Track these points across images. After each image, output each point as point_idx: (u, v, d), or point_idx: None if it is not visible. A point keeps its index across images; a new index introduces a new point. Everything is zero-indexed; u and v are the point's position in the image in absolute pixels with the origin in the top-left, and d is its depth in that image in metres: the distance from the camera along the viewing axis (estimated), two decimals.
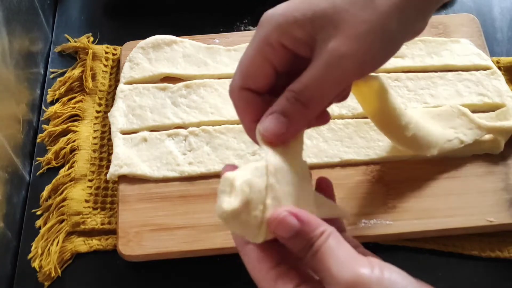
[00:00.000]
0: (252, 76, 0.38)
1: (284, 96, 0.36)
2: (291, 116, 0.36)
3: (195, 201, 0.54)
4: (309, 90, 0.35)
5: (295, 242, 0.34)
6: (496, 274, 0.53)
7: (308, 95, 0.35)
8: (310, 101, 0.36)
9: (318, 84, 0.35)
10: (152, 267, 0.53)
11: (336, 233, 0.34)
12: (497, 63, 0.64)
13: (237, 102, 0.39)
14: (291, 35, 0.36)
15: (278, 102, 0.36)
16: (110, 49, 0.67)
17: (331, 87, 0.36)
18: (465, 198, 0.54)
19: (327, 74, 0.35)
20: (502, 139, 0.56)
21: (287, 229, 0.33)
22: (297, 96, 0.35)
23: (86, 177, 0.58)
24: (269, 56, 0.37)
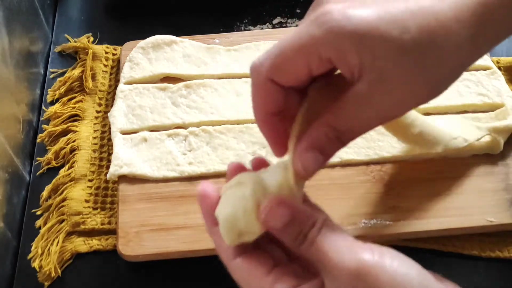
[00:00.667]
0: (284, 72, 0.33)
1: (323, 132, 0.33)
2: (329, 154, 0.34)
3: (195, 201, 0.53)
4: (354, 132, 0.33)
5: (289, 233, 0.33)
6: (496, 274, 0.53)
7: (351, 135, 0.33)
8: (349, 140, 0.34)
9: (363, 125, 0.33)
10: (152, 267, 0.53)
11: (330, 220, 0.33)
12: (497, 63, 0.64)
13: (258, 91, 0.35)
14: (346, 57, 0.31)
15: (316, 136, 0.33)
16: (110, 49, 0.67)
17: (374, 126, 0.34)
18: (465, 198, 0.54)
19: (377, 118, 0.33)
20: (501, 138, 0.56)
21: (278, 218, 0.33)
22: (340, 136, 0.33)
23: (86, 177, 0.58)
24: (310, 61, 0.32)
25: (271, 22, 0.70)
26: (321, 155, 0.33)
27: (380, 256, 0.30)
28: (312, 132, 0.34)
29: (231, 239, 0.34)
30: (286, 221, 0.33)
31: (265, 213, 0.33)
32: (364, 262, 0.30)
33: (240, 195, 0.34)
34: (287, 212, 0.33)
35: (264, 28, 0.69)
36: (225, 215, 0.35)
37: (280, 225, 0.33)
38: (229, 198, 0.35)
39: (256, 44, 0.65)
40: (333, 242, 0.31)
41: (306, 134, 0.34)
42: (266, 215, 0.33)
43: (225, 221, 0.34)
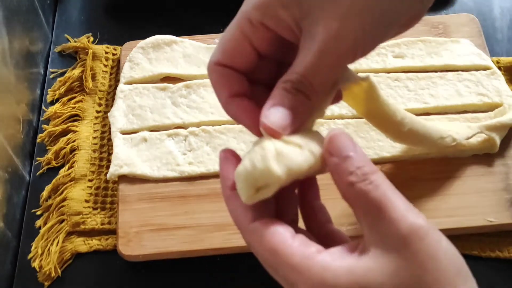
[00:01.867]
0: (230, 52, 0.36)
1: (281, 87, 0.34)
2: (294, 108, 0.33)
3: (195, 201, 0.54)
4: (307, 78, 0.33)
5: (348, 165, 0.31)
6: (496, 274, 0.53)
7: (307, 84, 0.33)
8: (311, 90, 0.33)
9: (315, 71, 0.33)
10: (152, 267, 0.53)
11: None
12: (497, 63, 0.64)
13: (212, 76, 0.37)
14: (274, 15, 0.33)
15: (275, 94, 0.34)
16: (110, 49, 0.67)
17: (329, 71, 0.33)
18: (465, 198, 0.54)
19: (321, 60, 0.32)
20: (497, 137, 0.56)
21: (342, 147, 0.31)
22: (297, 87, 0.33)
23: (86, 177, 0.58)
24: (248, 34, 0.35)
25: None
26: (287, 109, 0.33)
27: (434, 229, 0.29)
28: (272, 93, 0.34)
29: (248, 194, 0.32)
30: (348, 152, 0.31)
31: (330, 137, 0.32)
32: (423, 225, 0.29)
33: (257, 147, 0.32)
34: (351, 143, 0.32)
35: None
36: (241, 166, 0.32)
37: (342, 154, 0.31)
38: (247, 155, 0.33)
39: None
40: (397, 197, 0.30)
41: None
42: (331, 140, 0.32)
43: (241, 172, 0.32)
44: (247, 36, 0.35)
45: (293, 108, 0.33)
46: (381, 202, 0.29)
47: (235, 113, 0.36)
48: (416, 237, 0.28)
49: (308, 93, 0.33)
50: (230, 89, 0.36)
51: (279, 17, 0.33)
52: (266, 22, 0.34)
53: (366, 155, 0.32)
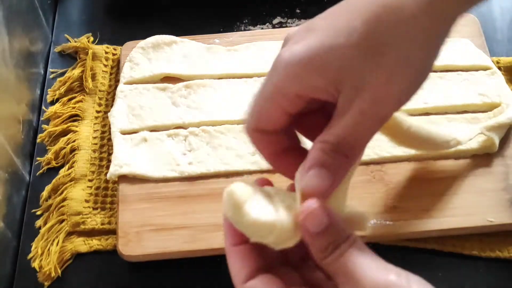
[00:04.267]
0: (265, 120, 0.36)
1: (319, 148, 0.33)
2: (332, 169, 0.33)
3: (195, 201, 0.54)
4: (348, 140, 0.33)
5: (321, 240, 0.32)
6: (496, 274, 0.53)
7: (347, 145, 0.33)
8: (351, 151, 0.33)
9: (356, 133, 0.33)
10: (152, 267, 0.53)
11: (360, 241, 0.32)
12: (497, 63, 0.64)
13: (253, 141, 0.37)
14: (310, 85, 0.33)
15: (313, 155, 0.33)
16: (110, 49, 0.67)
17: (369, 135, 0.34)
18: (465, 198, 0.54)
19: (364, 122, 0.32)
20: (495, 136, 0.56)
21: (318, 222, 0.32)
22: (337, 148, 0.33)
23: (86, 177, 0.58)
24: (283, 105, 0.34)
25: (271, 22, 0.70)
26: (325, 171, 0.33)
27: (407, 281, 0.30)
28: (309, 153, 0.34)
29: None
30: (323, 228, 0.32)
31: (305, 214, 0.32)
32: (390, 282, 0.30)
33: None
34: (327, 219, 0.32)
35: (264, 28, 0.69)
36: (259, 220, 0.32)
37: (316, 230, 0.32)
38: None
39: (256, 44, 0.65)
40: (362, 258, 0.31)
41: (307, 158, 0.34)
42: (305, 217, 0.32)
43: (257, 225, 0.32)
44: (282, 106, 0.34)
45: (331, 168, 0.33)
46: (346, 265, 0.31)
47: (283, 171, 0.38)
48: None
49: (347, 153, 0.33)
50: (270, 150, 0.37)
51: (316, 86, 0.33)
52: (303, 93, 0.33)
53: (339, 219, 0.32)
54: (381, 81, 0.31)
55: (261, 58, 0.63)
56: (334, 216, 0.32)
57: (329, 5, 0.34)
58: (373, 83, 0.31)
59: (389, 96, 0.32)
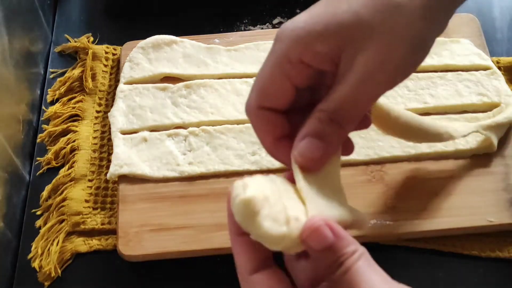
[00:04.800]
0: (270, 94, 0.35)
1: (315, 117, 0.34)
2: (326, 138, 0.33)
3: (195, 201, 0.54)
4: (343, 108, 0.33)
5: (325, 257, 0.31)
6: (496, 274, 0.53)
7: (343, 114, 0.33)
8: (345, 120, 0.33)
9: (352, 101, 0.33)
10: (152, 267, 0.53)
11: (368, 254, 0.32)
12: (497, 63, 0.64)
13: (255, 122, 0.37)
14: (313, 50, 0.33)
15: (309, 124, 0.34)
16: (110, 49, 0.67)
17: (366, 102, 0.34)
18: (465, 198, 0.54)
19: (360, 90, 0.33)
20: (494, 136, 0.56)
21: (321, 240, 0.31)
22: (331, 116, 0.33)
23: (86, 177, 0.58)
24: (288, 73, 0.34)
25: (271, 22, 0.70)
26: (318, 140, 0.33)
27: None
28: (306, 122, 0.34)
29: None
30: (327, 245, 0.31)
31: (307, 232, 0.31)
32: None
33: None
34: (330, 236, 0.31)
35: (264, 28, 0.69)
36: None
37: (320, 248, 0.31)
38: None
39: (256, 44, 0.65)
40: (367, 274, 0.30)
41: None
42: (308, 235, 0.31)
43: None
44: (287, 75, 0.34)
45: (325, 138, 0.33)
46: (351, 282, 0.30)
47: (282, 158, 0.37)
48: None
49: (342, 122, 0.34)
50: (274, 133, 0.36)
51: (319, 52, 0.33)
52: (306, 59, 0.34)
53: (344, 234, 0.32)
54: (379, 48, 0.32)
55: (261, 58, 0.63)
56: (338, 232, 0.31)
57: None
58: (371, 50, 0.32)
59: (387, 64, 0.33)
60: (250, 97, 0.36)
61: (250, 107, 0.36)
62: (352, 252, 0.31)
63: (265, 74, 0.35)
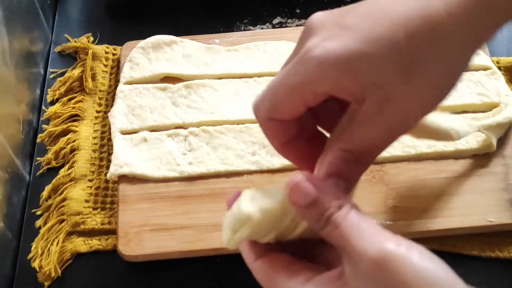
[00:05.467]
0: (282, 111, 0.35)
1: (339, 157, 0.33)
2: (351, 178, 0.33)
3: (195, 201, 0.54)
4: (370, 151, 0.33)
5: (312, 212, 0.31)
6: (496, 274, 0.53)
7: (369, 156, 0.33)
8: (369, 160, 0.33)
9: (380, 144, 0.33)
10: (152, 267, 0.53)
11: (357, 208, 0.31)
12: (497, 63, 0.64)
13: (263, 128, 0.37)
14: (341, 86, 0.32)
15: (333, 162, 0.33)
16: (110, 49, 0.67)
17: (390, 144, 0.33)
18: (465, 198, 0.54)
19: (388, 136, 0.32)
20: (493, 136, 0.56)
21: (303, 195, 0.31)
22: (358, 157, 0.33)
23: (86, 177, 0.58)
24: (306, 99, 0.33)
25: (271, 22, 0.70)
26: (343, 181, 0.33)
27: (408, 249, 0.28)
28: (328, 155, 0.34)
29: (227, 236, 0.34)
30: (309, 200, 0.31)
31: (290, 187, 0.31)
32: (387, 251, 0.28)
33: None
34: (311, 190, 0.31)
35: (264, 28, 0.69)
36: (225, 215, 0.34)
37: (303, 203, 0.31)
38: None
39: (256, 44, 0.65)
40: (358, 228, 0.30)
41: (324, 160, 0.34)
42: (291, 192, 0.31)
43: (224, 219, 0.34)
44: (305, 100, 0.34)
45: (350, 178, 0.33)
46: (346, 234, 0.30)
47: (291, 159, 0.38)
48: (384, 261, 0.28)
49: (368, 163, 0.34)
50: (282, 138, 0.37)
51: (346, 87, 0.32)
52: (331, 93, 0.33)
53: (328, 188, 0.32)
54: (410, 98, 0.31)
55: (261, 58, 0.64)
56: (322, 186, 0.31)
57: (329, 5, 0.34)
58: (403, 98, 0.31)
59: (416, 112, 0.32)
60: (261, 105, 0.35)
61: (259, 114, 0.36)
62: (339, 207, 0.31)
63: (281, 92, 0.34)
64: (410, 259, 0.28)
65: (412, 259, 0.28)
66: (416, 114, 0.32)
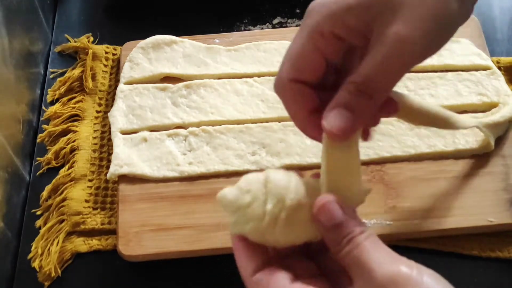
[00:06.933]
0: (302, 67, 0.36)
1: (345, 88, 0.34)
2: (356, 109, 0.34)
3: (195, 201, 0.54)
4: (373, 80, 0.33)
5: (334, 234, 0.33)
6: (496, 274, 0.53)
7: (372, 85, 0.34)
8: (375, 91, 0.34)
9: (382, 72, 0.33)
10: (152, 267, 0.53)
11: (375, 236, 0.34)
12: (497, 63, 0.64)
13: (288, 95, 0.37)
14: (345, 23, 0.34)
15: (339, 95, 0.34)
16: (110, 49, 0.67)
17: (396, 74, 0.34)
18: (465, 198, 0.54)
19: (390, 61, 0.33)
20: (490, 135, 0.56)
21: (330, 217, 0.33)
22: (361, 88, 0.34)
23: (86, 177, 0.58)
24: (320, 45, 0.35)
25: (271, 22, 0.70)
26: (348, 111, 0.34)
27: (418, 272, 0.31)
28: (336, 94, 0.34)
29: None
30: (336, 223, 0.33)
31: (318, 207, 0.34)
32: (400, 273, 0.31)
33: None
34: (339, 213, 0.33)
35: (264, 28, 0.69)
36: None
37: (329, 224, 0.33)
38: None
39: (256, 44, 0.65)
40: (376, 249, 0.32)
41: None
42: (318, 211, 0.34)
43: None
44: (319, 48, 0.35)
45: (355, 109, 0.34)
46: (365, 253, 0.32)
47: (313, 134, 0.38)
48: (392, 283, 0.30)
49: (371, 93, 0.34)
50: (306, 106, 0.37)
51: (350, 25, 0.34)
52: (338, 32, 0.35)
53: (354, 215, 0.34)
54: (406, 22, 0.33)
55: (261, 58, 0.64)
56: (348, 211, 0.34)
57: None
58: (399, 23, 0.33)
59: (416, 36, 0.33)
60: (281, 70, 0.37)
61: (281, 79, 0.37)
62: (361, 232, 0.33)
63: (297, 47, 0.36)
64: (420, 280, 0.31)
65: (422, 281, 0.31)
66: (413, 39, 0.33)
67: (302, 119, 0.37)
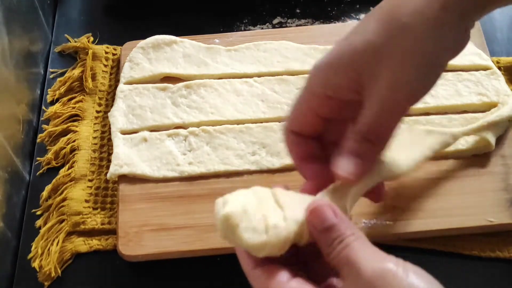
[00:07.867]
0: (297, 122, 0.41)
1: (351, 138, 0.38)
2: (363, 156, 0.38)
3: (195, 201, 0.54)
4: (374, 128, 0.37)
5: (326, 236, 0.35)
6: (496, 274, 0.53)
7: (374, 133, 0.37)
8: (377, 137, 0.38)
9: (380, 120, 0.37)
10: (152, 267, 0.53)
11: (365, 238, 0.35)
12: (497, 63, 0.64)
13: (286, 142, 0.43)
14: (334, 84, 0.38)
15: (346, 144, 0.38)
16: (110, 49, 0.67)
17: (393, 119, 0.37)
18: (465, 198, 0.54)
19: (384, 112, 0.36)
20: (490, 136, 0.56)
21: (323, 219, 0.35)
22: (365, 136, 0.37)
23: (86, 177, 0.58)
24: (314, 106, 0.40)
25: (271, 22, 0.70)
26: (357, 158, 0.38)
27: (404, 269, 0.33)
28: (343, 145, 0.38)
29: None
30: (329, 225, 0.35)
31: (311, 209, 0.36)
32: (387, 269, 0.32)
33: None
34: (332, 216, 0.35)
35: (264, 28, 0.69)
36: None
37: (321, 227, 0.35)
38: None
39: (256, 44, 0.65)
40: (365, 249, 0.34)
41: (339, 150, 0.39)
42: (311, 213, 0.36)
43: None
44: (313, 108, 0.40)
45: (362, 155, 0.38)
46: (354, 252, 0.34)
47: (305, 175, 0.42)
48: (379, 279, 0.32)
49: (374, 140, 0.38)
50: (299, 154, 0.42)
51: (339, 85, 0.38)
52: (329, 92, 0.39)
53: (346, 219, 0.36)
54: (391, 72, 0.35)
55: (261, 58, 0.64)
56: (340, 214, 0.36)
57: (329, 5, 0.35)
58: (385, 74, 0.35)
59: (403, 82, 0.35)
60: (286, 119, 0.42)
61: (285, 128, 0.42)
62: (351, 234, 0.35)
63: (295, 105, 0.41)
64: (405, 276, 0.32)
65: (407, 277, 0.32)
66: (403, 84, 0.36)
67: (295, 162, 0.43)
